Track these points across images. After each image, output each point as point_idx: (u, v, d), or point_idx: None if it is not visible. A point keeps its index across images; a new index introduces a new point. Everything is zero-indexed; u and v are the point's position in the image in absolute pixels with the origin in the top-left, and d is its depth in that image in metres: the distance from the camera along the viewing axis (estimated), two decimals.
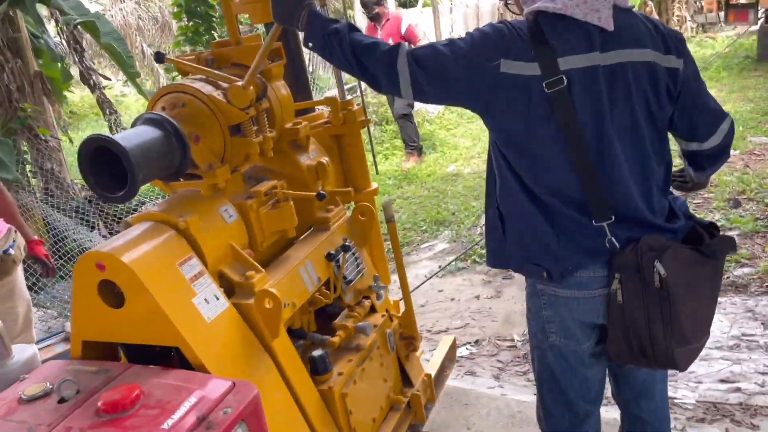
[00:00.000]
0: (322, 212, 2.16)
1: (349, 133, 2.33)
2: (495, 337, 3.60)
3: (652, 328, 1.59)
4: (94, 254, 1.54)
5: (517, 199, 1.65)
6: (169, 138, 1.64)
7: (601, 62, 1.54)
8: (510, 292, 4.16)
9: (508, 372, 3.20)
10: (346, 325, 2.02)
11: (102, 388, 1.48)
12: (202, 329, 1.58)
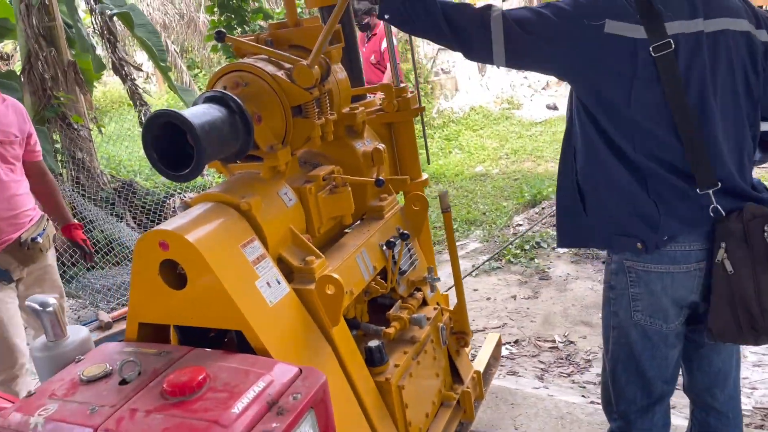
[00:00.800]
0: (376, 201, 2.12)
1: (403, 121, 2.29)
2: (535, 337, 3.54)
3: (762, 298, 1.56)
4: (158, 232, 1.51)
5: (609, 169, 1.63)
6: (234, 117, 1.61)
7: (704, 29, 1.54)
8: (548, 293, 4.09)
9: (551, 373, 3.14)
10: (401, 316, 1.97)
11: (164, 370, 1.45)
12: (265, 313, 1.54)
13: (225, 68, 1.79)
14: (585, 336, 3.53)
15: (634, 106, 1.56)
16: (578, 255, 4.59)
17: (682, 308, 1.69)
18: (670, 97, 1.53)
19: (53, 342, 1.63)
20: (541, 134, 8.45)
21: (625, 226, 1.65)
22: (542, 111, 10.09)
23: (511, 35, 1.56)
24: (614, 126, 1.60)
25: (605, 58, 1.55)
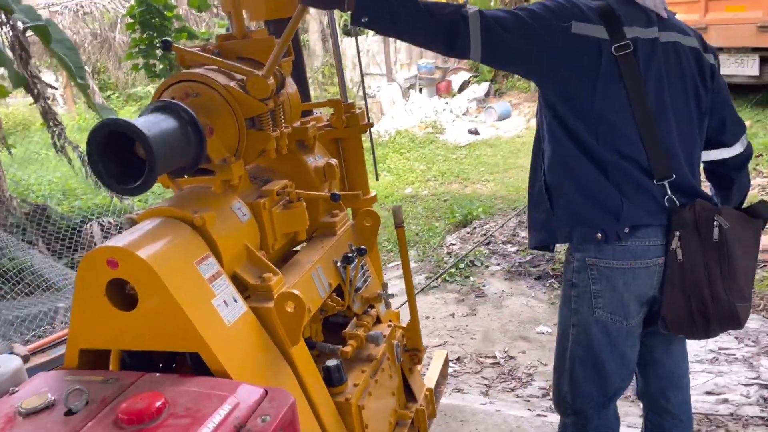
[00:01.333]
0: (327, 217, 2.08)
1: (351, 137, 2.28)
2: (476, 354, 3.58)
3: (713, 284, 1.65)
4: (106, 249, 1.41)
5: (574, 162, 1.70)
6: (185, 128, 1.54)
7: (654, 36, 1.67)
8: (485, 310, 4.15)
9: (495, 389, 3.17)
10: (358, 334, 1.94)
11: (115, 398, 1.35)
12: (223, 333, 1.47)
13: (172, 78, 1.72)
14: (524, 351, 3.60)
15: (598, 100, 1.65)
16: (511, 272, 4.70)
17: (642, 305, 1.77)
18: (632, 92, 1.63)
19: None
20: (466, 157, 8.65)
21: (586, 217, 1.72)
22: (465, 135, 10.36)
23: (487, 31, 1.62)
24: (580, 121, 1.68)
25: (572, 56, 1.65)
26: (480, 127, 10.73)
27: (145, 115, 1.56)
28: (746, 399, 2.98)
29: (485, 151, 8.77)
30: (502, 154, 8.47)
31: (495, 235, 5.37)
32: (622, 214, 1.67)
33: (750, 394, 3.03)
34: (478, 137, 10.03)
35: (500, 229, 5.47)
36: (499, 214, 5.87)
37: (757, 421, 2.84)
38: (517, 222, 5.60)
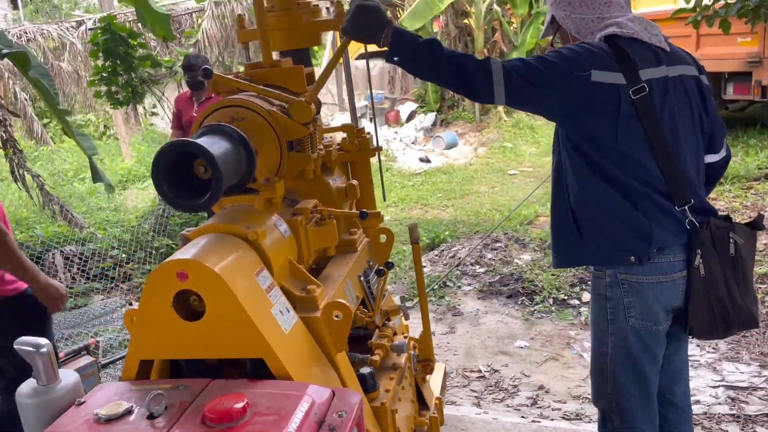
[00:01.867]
0: (347, 234, 2.21)
1: (362, 160, 2.42)
2: (462, 369, 3.73)
3: (732, 293, 1.88)
4: (177, 262, 1.51)
5: (602, 195, 1.89)
6: (238, 149, 1.66)
7: (667, 74, 1.88)
8: (463, 328, 4.33)
9: (485, 400, 3.33)
10: (383, 344, 2.07)
11: (191, 401, 1.43)
12: (283, 340, 1.57)
13: (216, 104, 1.84)
14: (506, 364, 3.78)
15: (621, 139, 1.85)
16: (483, 292, 4.90)
17: (668, 312, 1.97)
18: (650, 131, 1.84)
19: (45, 386, 1.54)
20: (422, 184, 8.89)
21: (619, 243, 1.92)
22: (417, 163, 10.66)
23: (510, 82, 1.78)
24: (604, 158, 1.87)
25: (594, 102, 1.83)
26: (430, 156, 11.06)
27: (199, 138, 1.67)
28: (716, 399, 3.25)
29: (440, 178, 9.05)
30: (456, 181, 8.76)
31: (463, 257, 5.59)
32: (653, 240, 1.87)
33: (718, 395, 3.30)
34: (431, 165, 10.34)
35: (468, 251, 5.69)
36: (464, 237, 6.10)
37: (728, 419, 3.10)
38: (482, 244, 5.84)
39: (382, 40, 1.82)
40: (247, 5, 7.00)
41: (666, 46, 1.93)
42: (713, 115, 2.04)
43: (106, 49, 5.92)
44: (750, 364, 3.67)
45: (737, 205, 6.25)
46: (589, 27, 1.95)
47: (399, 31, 1.82)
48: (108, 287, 5.60)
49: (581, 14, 1.96)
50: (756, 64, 7.52)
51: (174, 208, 1.62)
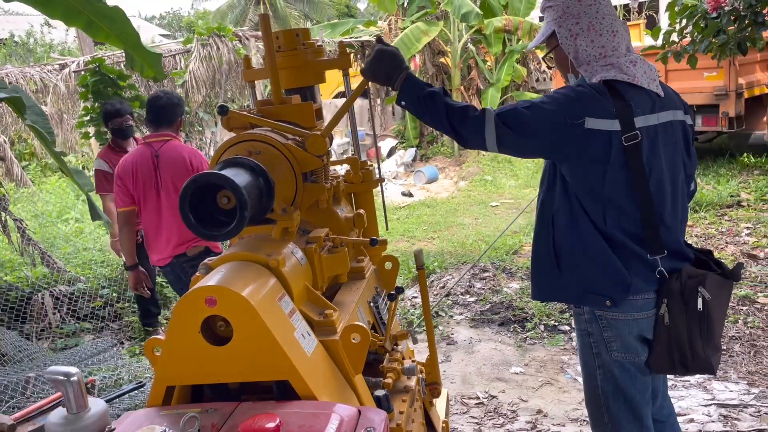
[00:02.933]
0: (354, 262, 2.28)
1: (365, 191, 2.50)
2: (460, 396, 3.77)
3: (694, 344, 1.92)
4: (205, 289, 1.56)
5: (586, 238, 1.93)
6: (258, 180, 1.74)
7: (657, 122, 1.92)
8: (458, 356, 4.37)
9: (485, 426, 3.37)
10: (394, 367, 2.12)
11: (223, 423, 1.48)
12: (307, 362, 1.63)
13: (233, 139, 1.92)
14: (503, 390, 3.83)
15: (608, 186, 1.89)
16: (475, 320, 4.96)
17: (644, 344, 2.02)
18: (635, 180, 1.87)
19: (75, 414, 1.57)
20: (407, 217, 9.00)
21: (596, 286, 1.97)
22: (399, 197, 10.80)
23: (501, 134, 1.87)
24: (591, 201, 1.93)
25: (586, 149, 1.87)
26: (412, 190, 11.22)
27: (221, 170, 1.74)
28: (708, 417, 3.33)
29: (424, 211, 9.17)
30: (440, 214, 8.89)
31: (453, 287, 5.66)
32: (630, 288, 1.93)
33: (711, 413, 3.38)
34: (414, 199, 10.49)
35: (457, 281, 5.77)
36: (453, 268, 6.18)
37: None
38: (470, 274, 5.92)
39: (396, 84, 1.93)
40: (233, 46, 7.14)
41: (661, 91, 1.96)
42: (693, 155, 2.09)
43: (95, 90, 5.97)
44: (738, 383, 3.77)
45: (713, 231, 6.44)
46: (589, 58, 1.94)
47: (410, 79, 1.94)
48: (98, 327, 5.55)
49: (587, 38, 1.93)
50: (722, 97, 7.83)
51: (201, 238, 1.68)
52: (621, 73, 1.89)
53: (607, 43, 1.93)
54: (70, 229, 7.67)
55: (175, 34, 25.19)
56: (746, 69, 8.01)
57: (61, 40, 23.34)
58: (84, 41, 9.42)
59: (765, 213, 6.77)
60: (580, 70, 1.96)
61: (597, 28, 1.93)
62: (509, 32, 12.21)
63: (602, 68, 1.92)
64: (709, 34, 4.80)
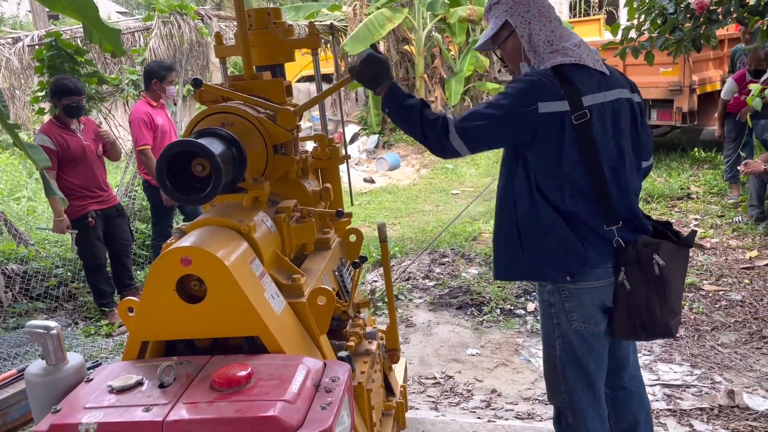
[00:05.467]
0: (321, 234, 2.42)
1: (331, 167, 2.65)
2: (417, 376, 3.95)
3: (652, 309, 2.11)
4: (181, 249, 1.68)
5: (546, 218, 2.10)
6: (231, 150, 1.87)
7: (604, 99, 2.10)
8: (416, 338, 4.56)
9: (442, 404, 3.57)
10: (357, 332, 2.28)
11: (197, 373, 1.61)
12: (276, 320, 1.77)
13: (207, 111, 2.04)
14: (460, 371, 4.03)
15: (564, 164, 2.06)
16: (434, 304, 5.16)
17: (604, 312, 2.20)
18: (587, 155, 2.05)
19: (54, 366, 1.68)
20: (369, 203, 9.15)
21: (556, 262, 2.14)
22: (361, 183, 10.95)
23: (467, 137, 2.05)
24: (550, 182, 2.09)
25: (543, 132, 2.05)
26: (374, 176, 11.38)
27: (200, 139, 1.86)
28: (653, 396, 3.58)
29: (386, 198, 9.34)
30: (402, 200, 9.07)
31: (413, 271, 5.85)
32: (587, 262, 2.10)
33: (655, 393, 3.64)
34: (375, 185, 10.65)
35: (417, 266, 5.96)
36: (413, 253, 6.36)
37: (666, 413, 3.44)
38: (430, 260, 6.12)
39: (379, 91, 2.09)
40: (194, 25, 7.14)
41: (606, 70, 2.14)
42: (645, 128, 2.28)
43: (51, 65, 5.93)
44: (682, 365, 4.04)
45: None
46: (539, 43, 2.12)
47: (393, 89, 2.12)
48: (52, 307, 5.55)
49: (539, 23, 2.12)
50: (677, 92, 8.20)
51: (177, 202, 1.79)
52: (567, 57, 2.08)
53: (555, 28, 2.13)
54: (23, 208, 7.58)
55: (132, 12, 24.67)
56: (699, 66, 8.40)
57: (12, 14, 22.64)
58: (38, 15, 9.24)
59: (712, 205, 7.16)
60: (531, 57, 2.13)
61: (546, 14, 2.15)
62: (473, 22, 12.43)
63: (549, 55, 2.10)
64: (665, 31, 5.06)
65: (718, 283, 5.20)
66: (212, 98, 2.16)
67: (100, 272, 5.27)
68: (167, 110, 5.70)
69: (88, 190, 5.03)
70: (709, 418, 3.40)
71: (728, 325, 4.52)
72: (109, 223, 5.23)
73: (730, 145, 7.15)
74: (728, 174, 7.25)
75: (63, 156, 4.89)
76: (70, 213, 4.91)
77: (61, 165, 4.89)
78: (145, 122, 5.31)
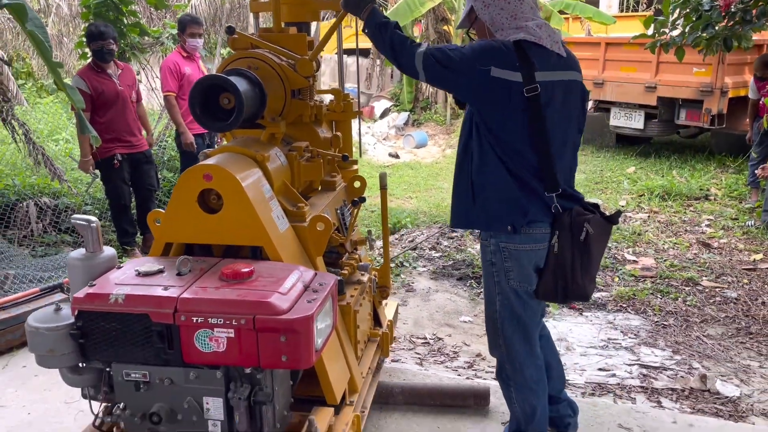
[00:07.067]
0: (328, 177, 2.77)
1: (345, 120, 2.99)
2: (409, 335, 4.31)
3: (575, 272, 2.41)
4: (203, 167, 2.04)
5: (495, 173, 2.38)
6: (254, 89, 2.21)
7: (556, 78, 2.36)
8: (414, 302, 4.91)
9: (428, 361, 3.91)
10: (351, 263, 2.63)
11: (209, 269, 1.97)
12: (279, 236, 2.13)
13: (236, 55, 2.38)
14: (450, 335, 4.37)
15: (507, 130, 2.34)
16: (436, 273, 5.50)
17: (537, 274, 2.48)
18: (533, 126, 2.31)
19: (92, 253, 2.06)
20: (390, 176, 9.46)
21: (501, 214, 2.42)
22: (386, 158, 11.29)
23: (428, 66, 2.32)
24: (496, 143, 2.36)
25: (489, 93, 2.28)
26: (399, 152, 11.71)
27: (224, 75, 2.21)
28: (629, 375, 3.88)
29: (407, 173, 9.67)
30: (422, 176, 9.39)
31: (421, 242, 6.19)
32: (528, 214, 2.38)
33: (632, 372, 3.94)
34: (399, 160, 10.98)
35: (426, 237, 6.29)
36: (424, 225, 6.70)
37: (637, 390, 3.73)
38: (439, 233, 6.45)
39: (362, 14, 2.41)
40: None
41: (563, 52, 2.39)
42: (585, 113, 2.53)
43: (96, 12, 6.33)
44: (665, 350, 4.31)
45: (675, 219, 7.01)
46: (503, 22, 2.35)
47: (373, 12, 2.41)
48: (78, 241, 6.00)
49: (497, 6, 2.35)
50: (707, 93, 8.36)
51: (205, 128, 2.15)
52: (528, 35, 2.33)
53: (515, 8, 2.36)
54: (60, 149, 8.07)
55: None
56: (734, 69, 8.52)
57: None
58: None
59: (728, 208, 7.35)
60: (496, 35, 2.40)
61: None
62: None
63: (513, 31, 2.35)
64: (698, 27, 5.21)
65: (717, 280, 5.43)
66: (243, 46, 2.51)
67: (124, 213, 5.67)
68: (201, 63, 6.05)
69: (118, 133, 5.37)
70: (678, 398, 3.67)
71: (718, 319, 4.75)
72: (137, 168, 5.61)
73: (757, 149, 7.27)
74: (751, 178, 7.38)
75: (96, 99, 5.25)
76: (98, 154, 5.29)
77: (94, 108, 5.25)
78: (171, 70, 5.69)
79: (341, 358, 2.32)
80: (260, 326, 1.72)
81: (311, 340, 1.75)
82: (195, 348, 1.76)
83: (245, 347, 1.74)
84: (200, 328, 1.75)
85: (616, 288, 5.19)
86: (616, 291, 5.11)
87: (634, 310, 4.86)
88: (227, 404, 1.83)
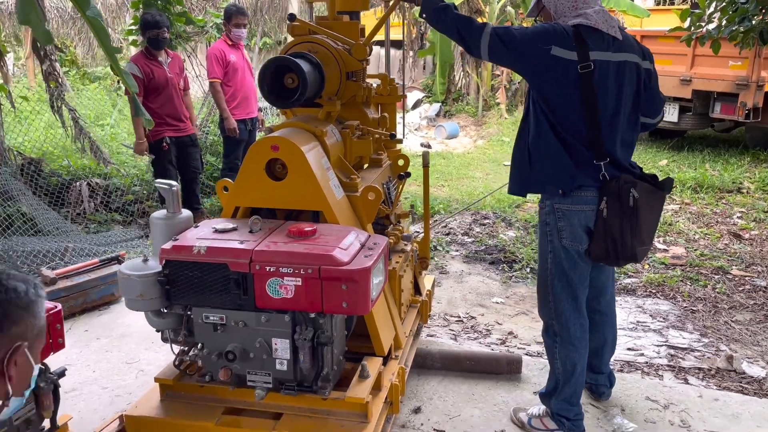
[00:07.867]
0: (375, 155, 3.03)
1: (389, 103, 3.24)
2: (444, 314, 4.56)
3: (624, 235, 2.63)
4: (272, 138, 2.32)
5: (548, 141, 2.65)
6: (315, 71, 2.48)
7: (612, 59, 2.61)
8: (448, 284, 5.15)
9: (462, 337, 4.16)
10: (396, 233, 2.89)
11: (277, 228, 2.25)
12: (337, 203, 2.39)
13: (297, 40, 2.66)
14: (483, 314, 4.61)
15: (563, 103, 2.59)
16: (468, 257, 5.74)
17: (588, 235, 2.71)
18: (586, 100, 2.56)
19: (172, 213, 2.35)
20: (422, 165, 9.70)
21: (553, 179, 2.68)
22: (418, 148, 11.52)
23: (492, 45, 2.57)
24: (552, 114, 2.61)
25: (549, 71, 2.54)
26: (431, 143, 11.93)
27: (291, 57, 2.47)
28: (657, 354, 4.08)
29: (439, 162, 9.90)
30: (454, 166, 9.61)
31: (454, 227, 6.43)
32: (576, 180, 2.62)
33: (660, 352, 4.13)
34: (431, 150, 11.20)
35: (459, 224, 6.53)
36: (457, 212, 6.93)
37: (664, 368, 3.93)
38: (472, 220, 6.68)
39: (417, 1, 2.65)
40: None
41: (619, 36, 2.64)
42: (653, 92, 2.78)
43: (146, 2, 6.68)
44: (693, 333, 4.48)
45: (707, 210, 7.14)
46: (565, 11, 2.64)
47: None
48: (127, 220, 6.37)
49: None
50: (743, 87, 8.42)
51: (270, 104, 2.43)
52: (585, 20, 2.60)
53: (576, 1, 2.64)
54: (106, 134, 8.47)
55: None
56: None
57: None
58: None
59: (761, 201, 7.45)
60: (559, 21, 2.66)
61: None
62: None
63: (573, 18, 2.63)
64: (734, 19, 5.31)
65: (747, 269, 5.58)
66: (301, 32, 2.78)
67: None
68: (245, 51, 6.36)
69: (167, 117, 5.71)
70: (704, 377, 3.85)
71: (747, 306, 4.90)
72: (183, 151, 5.94)
73: None
74: None
75: (148, 84, 5.58)
76: (149, 137, 5.64)
77: (145, 92, 5.59)
78: (217, 57, 6.02)
79: (388, 316, 2.59)
80: (325, 275, 1.99)
81: (368, 289, 2.02)
82: (267, 294, 2.04)
83: (311, 294, 2.01)
84: (272, 277, 2.02)
85: (645, 275, 5.36)
86: (645, 277, 5.29)
87: (663, 295, 5.03)
88: (293, 345, 2.10)
